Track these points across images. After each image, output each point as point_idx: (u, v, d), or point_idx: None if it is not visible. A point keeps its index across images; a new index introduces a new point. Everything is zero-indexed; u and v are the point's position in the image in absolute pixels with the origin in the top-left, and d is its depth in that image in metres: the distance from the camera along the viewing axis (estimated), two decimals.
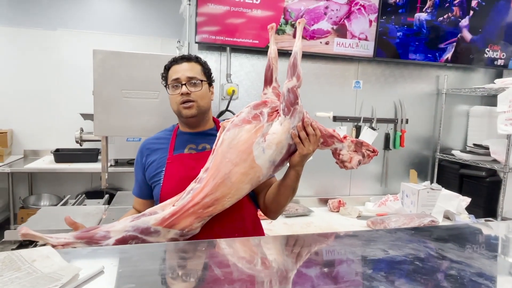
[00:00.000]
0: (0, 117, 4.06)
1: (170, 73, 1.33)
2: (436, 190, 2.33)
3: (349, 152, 1.20)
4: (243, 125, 1.10)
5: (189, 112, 1.28)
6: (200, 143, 1.32)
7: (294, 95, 1.09)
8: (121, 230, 0.99)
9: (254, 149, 1.07)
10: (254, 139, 1.08)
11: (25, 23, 4.07)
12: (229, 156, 1.06)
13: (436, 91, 2.78)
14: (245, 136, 1.08)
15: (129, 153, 3.77)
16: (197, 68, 1.32)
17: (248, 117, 1.12)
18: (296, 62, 1.12)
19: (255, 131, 1.09)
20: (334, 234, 0.82)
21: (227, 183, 1.05)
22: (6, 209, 3.96)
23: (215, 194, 1.05)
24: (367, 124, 2.59)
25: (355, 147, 1.20)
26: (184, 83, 1.28)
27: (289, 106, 1.09)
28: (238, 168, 1.06)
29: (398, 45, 2.49)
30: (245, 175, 1.07)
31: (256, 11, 2.20)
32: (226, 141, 1.09)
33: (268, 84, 1.25)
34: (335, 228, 2.09)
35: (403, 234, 0.79)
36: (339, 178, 2.62)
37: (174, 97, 1.29)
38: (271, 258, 0.74)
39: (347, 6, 2.34)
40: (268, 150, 1.07)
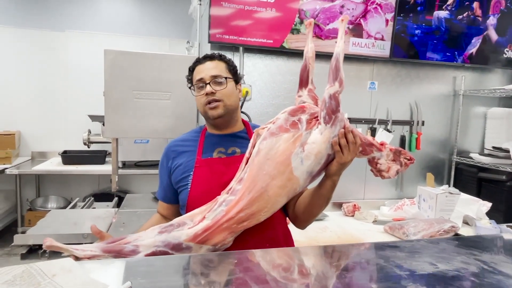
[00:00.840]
0: (8, 118, 4.04)
1: (194, 74, 1.28)
2: (455, 194, 2.25)
3: (387, 161, 1.14)
4: (280, 133, 1.04)
5: (216, 113, 1.22)
6: (229, 146, 1.26)
7: (336, 102, 1.03)
8: (150, 245, 0.94)
9: (293, 160, 1.01)
10: (293, 149, 1.02)
11: (33, 24, 4.06)
12: (266, 168, 1.01)
13: (453, 92, 2.70)
14: (283, 146, 1.02)
15: (137, 155, 3.74)
16: (221, 66, 1.26)
17: (285, 124, 1.06)
18: (339, 65, 1.06)
19: (293, 140, 1.03)
20: (373, 244, 0.76)
21: (264, 197, 0.99)
22: (13, 211, 3.93)
23: (251, 209, 0.99)
24: (382, 126, 2.52)
25: (393, 156, 1.14)
26: (208, 82, 1.22)
27: (331, 114, 1.03)
28: (275, 181, 1.00)
29: (416, 44, 2.42)
30: (282, 188, 1.01)
31: (270, 10, 2.15)
32: (263, 151, 1.03)
33: (304, 86, 1.18)
34: (351, 234, 2.02)
35: (447, 245, 0.73)
36: (353, 181, 2.55)
37: (200, 98, 1.24)
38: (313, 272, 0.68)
39: (363, 5, 2.28)
40: (306, 160, 1.02)
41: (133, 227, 1.92)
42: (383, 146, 1.14)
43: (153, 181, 3.59)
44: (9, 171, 3.43)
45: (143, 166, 3.79)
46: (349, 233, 2.03)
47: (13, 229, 3.81)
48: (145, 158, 3.74)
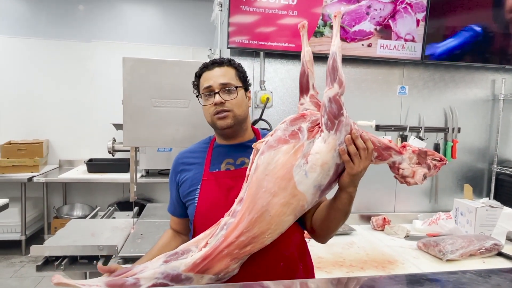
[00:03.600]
0: (36, 127, 4.16)
1: (201, 81, 1.20)
2: (497, 208, 2.06)
3: (411, 165, 1.00)
4: (279, 145, 0.94)
5: (224, 123, 1.14)
6: (238, 157, 1.19)
7: (337, 105, 0.92)
8: (151, 277, 0.87)
9: (295, 174, 0.90)
10: (294, 161, 0.91)
11: (61, 35, 4.18)
12: (265, 185, 0.91)
13: (492, 96, 2.50)
14: (283, 159, 0.92)
15: (160, 163, 3.74)
16: (231, 73, 1.18)
17: (284, 135, 0.96)
18: (336, 65, 0.95)
19: (294, 151, 0.92)
20: (407, 276, 0.64)
21: (266, 217, 0.89)
22: (41, 219, 4.02)
23: (253, 231, 0.89)
24: (414, 134, 2.36)
25: (418, 158, 1.01)
26: (217, 91, 1.14)
27: (333, 119, 0.92)
28: (277, 198, 0.90)
29: (453, 46, 2.25)
30: (286, 205, 0.91)
31: (291, 13, 2.06)
32: (261, 166, 0.93)
33: (305, 93, 1.08)
34: (381, 251, 1.87)
35: (501, 280, 0.60)
36: (382, 192, 2.39)
37: (207, 108, 1.16)
38: None
39: (392, 5, 2.14)
40: (311, 173, 0.91)
41: (151, 238, 1.87)
42: (404, 148, 1.01)
43: None
44: (36, 179, 3.51)
45: (166, 174, 3.77)
46: (379, 250, 1.88)
47: (41, 236, 3.89)
48: (169, 166, 3.67)
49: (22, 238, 3.66)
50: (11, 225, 3.67)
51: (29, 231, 3.76)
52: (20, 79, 4.10)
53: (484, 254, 1.81)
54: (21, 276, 3.26)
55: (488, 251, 1.81)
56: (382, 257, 1.78)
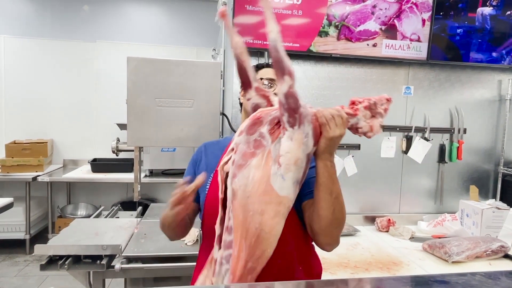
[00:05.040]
0: (41, 127, 4.17)
1: (263, 72, 1.31)
2: (503, 210, 2.04)
3: (367, 121, 0.98)
4: (248, 162, 0.90)
5: None
6: None
7: (293, 98, 0.88)
8: None
9: (274, 183, 0.88)
10: (269, 171, 0.89)
11: (66, 35, 4.19)
12: (251, 208, 0.88)
13: (499, 97, 2.47)
14: (258, 174, 0.89)
15: (164, 164, 3.73)
16: None
17: (249, 148, 0.92)
18: (279, 56, 0.87)
19: (265, 162, 0.89)
20: (415, 278, 0.63)
21: (263, 236, 0.88)
22: (45, 218, 4.03)
23: (256, 254, 0.88)
24: (419, 134, 2.34)
25: (371, 112, 0.98)
26: None
27: (293, 114, 0.89)
28: (266, 215, 0.88)
29: (459, 44, 2.23)
30: (276, 216, 0.89)
31: (296, 13, 2.05)
32: (239, 191, 0.90)
33: (248, 87, 1.02)
34: (386, 252, 1.86)
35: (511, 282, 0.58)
36: (387, 193, 2.37)
37: None
38: None
39: (397, 5, 2.13)
40: (288, 173, 0.88)
41: (154, 238, 1.87)
42: (356, 109, 0.98)
43: None
44: (41, 179, 3.52)
45: (170, 174, 3.77)
46: (384, 251, 1.87)
47: (45, 235, 3.90)
48: (172, 166, 3.72)
49: (26, 237, 3.67)
50: (16, 224, 3.68)
51: (33, 230, 3.77)
52: (25, 79, 4.12)
53: (491, 256, 1.79)
54: (25, 275, 3.27)
55: (494, 253, 1.79)
56: (387, 259, 1.77)
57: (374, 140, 2.31)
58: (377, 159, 2.32)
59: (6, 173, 3.58)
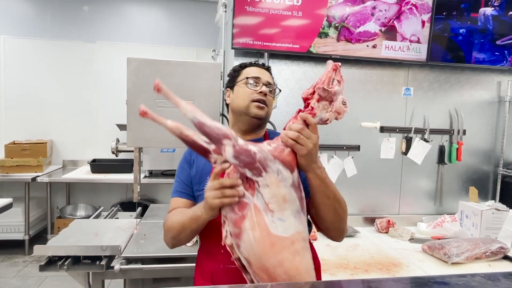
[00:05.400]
0: (41, 127, 4.17)
1: (247, 71, 1.27)
2: (503, 211, 2.04)
3: (330, 110, 0.94)
4: (241, 227, 0.88)
5: (260, 113, 1.19)
6: None
7: (243, 153, 0.86)
8: None
9: (275, 231, 0.86)
10: (265, 224, 0.87)
11: (66, 36, 4.20)
12: (269, 265, 0.86)
13: (498, 98, 2.48)
14: (257, 234, 0.86)
15: (163, 164, 3.73)
16: (272, 80, 1.30)
17: (236, 215, 0.89)
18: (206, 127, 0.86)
19: (257, 218, 0.87)
20: (414, 279, 0.63)
21: (297, 278, 0.86)
22: (44, 218, 4.02)
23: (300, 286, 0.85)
24: (419, 136, 2.34)
25: (327, 99, 0.93)
26: (264, 84, 1.23)
27: (253, 166, 0.87)
28: (287, 262, 0.86)
29: (461, 43, 2.23)
30: (296, 254, 0.87)
31: (296, 14, 2.05)
32: (250, 256, 0.88)
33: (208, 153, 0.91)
34: (386, 253, 1.86)
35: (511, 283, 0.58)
36: (386, 194, 2.37)
37: (250, 92, 1.21)
38: None
39: (397, 6, 2.13)
40: (284, 213, 0.87)
41: (154, 238, 1.86)
42: (313, 109, 0.93)
43: None
44: (40, 179, 3.51)
45: (169, 175, 3.77)
46: (384, 252, 1.87)
47: (44, 236, 3.89)
48: (172, 167, 3.72)
49: (25, 238, 3.66)
50: (15, 225, 3.67)
51: (32, 231, 3.77)
52: (24, 79, 4.12)
53: (490, 257, 1.79)
54: (24, 275, 3.27)
55: (494, 254, 1.79)
56: (386, 260, 1.77)
57: (374, 141, 2.31)
58: (376, 160, 2.32)
59: (6, 174, 3.57)
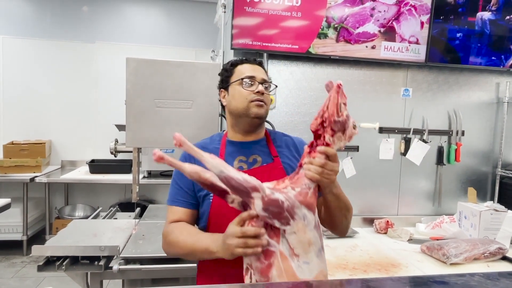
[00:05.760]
0: (39, 128, 4.16)
1: (240, 70, 1.24)
2: (501, 212, 2.04)
3: (343, 138, 0.93)
4: (269, 276, 0.87)
5: (260, 111, 1.19)
6: (250, 154, 1.23)
7: (273, 205, 0.86)
8: None
9: (301, 275, 0.86)
10: (292, 269, 0.87)
11: (65, 36, 4.19)
12: None
13: (497, 99, 2.48)
14: (284, 281, 0.86)
15: (162, 165, 3.72)
16: (266, 76, 1.27)
17: (262, 264, 0.88)
18: (234, 182, 0.85)
19: (283, 265, 0.87)
20: (414, 279, 0.63)
21: None
22: (43, 219, 4.01)
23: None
24: (418, 136, 2.34)
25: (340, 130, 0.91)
26: (261, 82, 1.21)
27: (281, 216, 0.86)
28: None
29: (458, 47, 2.24)
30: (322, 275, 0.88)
31: (295, 15, 2.06)
32: None
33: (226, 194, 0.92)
34: (385, 254, 1.86)
35: (510, 283, 0.58)
36: (385, 195, 2.37)
37: (247, 93, 1.19)
38: None
39: (396, 7, 2.14)
40: (308, 255, 0.88)
41: (152, 239, 1.86)
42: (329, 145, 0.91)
43: None
44: (38, 179, 3.51)
45: (168, 175, 3.77)
46: (382, 253, 1.87)
47: (42, 236, 3.88)
48: (171, 168, 3.71)
49: (23, 239, 3.66)
50: (13, 225, 3.67)
51: (30, 231, 3.76)
52: (23, 79, 4.11)
53: (489, 258, 1.79)
54: (22, 276, 3.26)
55: (492, 255, 1.79)
56: (385, 260, 1.77)
57: (373, 142, 2.31)
58: (375, 161, 2.32)
59: (4, 174, 3.57)
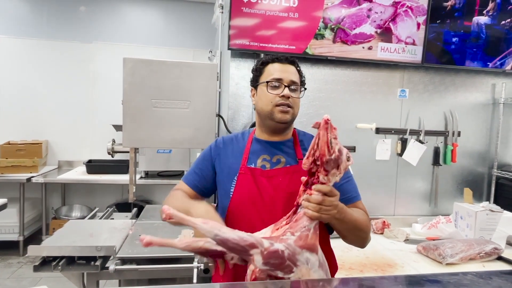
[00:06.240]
0: (36, 128, 4.15)
1: (269, 69, 1.20)
2: (497, 212, 2.05)
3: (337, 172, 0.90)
4: None
5: (285, 118, 1.15)
6: (274, 154, 1.21)
7: (274, 257, 0.84)
8: None
9: None
10: None
11: (62, 36, 4.18)
12: None
13: (492, 100, 2.50)
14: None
15: (160, 165, 3.72)
16: (297, 74, 1.20)
17: None
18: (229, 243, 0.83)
19: None
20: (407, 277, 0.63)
21: None
22: (39, 219, 4.00)
23: None
24: (414, 137, 2.36)
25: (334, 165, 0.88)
26: (287, 85, 1.16)
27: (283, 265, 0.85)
28: None
29: (454, 52, 2.25)
30: None
31: (292, 16, 2.06)
32: None
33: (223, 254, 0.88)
34: (381, 254, 1.86)
35: (502, 282, 0.59)
36: (382, 195, 2.38)
37: (272, 97, 1.16)
38: None
39: (393, 8, 2.15)
40: None
41: None
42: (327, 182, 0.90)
43: None
44: (35, 180, 3.49)
45: (166, 176, 3.77)
46: (379, 253, 1.87)
47: (39, 237, 3.87)
48: (168, 168, 3.72)
49: (20, 239, 3.64)
50: (9, 226, 3.65)
51: (27, 231, 3.74)
52: (20, 79, 4.10)
53: (484, 258, 1.80)
54: (18, 277, 3.24)
55: (488, 255, 1.80)
56: (381, 261, 1.77)
57: (369, 142, 2.32)
58: (372, 161, 2.33)
59: (0, 174, 3.55)
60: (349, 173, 1.22)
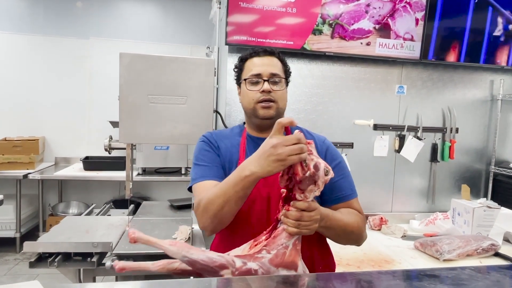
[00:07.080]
0: (33, 124, 4.12)
1: (248, 65, 1.16)
2: (494, 209, 2.05)
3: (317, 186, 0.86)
4: None
5: (267, 113, 1.11)
6: None
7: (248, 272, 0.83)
8: None
9: None
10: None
11: (59, 32, 4.15)
12: None
13: (491, 97, 2.49)
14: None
15: (157, 162, 3.71)
16: (279, 65, 1.16)
17: None
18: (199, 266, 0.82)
19: None
20: (406, 272, 0.62)
21: None
22: (36, 216, 3.98)
23: None
24: (412, 134, 2.35)
25: (311, 180, 0.84)
26: (266, 79, 1.11)
27: None
28: None
29: (453, 48, 2.24)
30: None
31: (290, 11, 2.05)
32: None
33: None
34: (378, 250, 1.86)
35: (500, 276, 0.59)
36: (379, 192, 2.38)
37: (253, 94, 1.12)
38: None
39: (391, 4, 2.13)
40: None
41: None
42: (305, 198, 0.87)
43: (173, 188, 3.55)
44: (32, 176, 3.48)
45: (163, 173, 3.75)
46: (376, 249, 1.87)
47: (35, 233, 3.85)
48: (165, 164, 3.70)
49: (16, 236, 3.62)
50: (6, 222, 3.63)
51: (24, 228, 3.73)
52: (16, 75, 4.07)
53: (481, 254, 1.80)
54: (15, 273, 3.23)
55: (485, 251, 1.80)
56: (379, 257, 1.77)
57: (367, 138, 2.32)
58: (370, 158, 2.33)
59: None
60: (345, 170, 1.20)
